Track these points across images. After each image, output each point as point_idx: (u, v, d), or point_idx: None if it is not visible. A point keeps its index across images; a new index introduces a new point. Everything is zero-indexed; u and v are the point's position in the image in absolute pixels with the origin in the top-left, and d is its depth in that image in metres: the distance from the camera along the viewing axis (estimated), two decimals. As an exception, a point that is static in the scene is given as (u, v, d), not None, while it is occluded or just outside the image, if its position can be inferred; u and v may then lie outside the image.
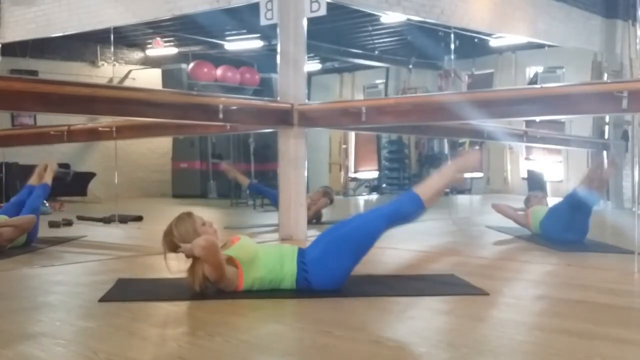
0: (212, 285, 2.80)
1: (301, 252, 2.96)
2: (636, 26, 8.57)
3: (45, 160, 5.14)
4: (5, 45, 8.28)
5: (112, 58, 10.82)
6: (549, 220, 4.98)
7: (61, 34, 7.86)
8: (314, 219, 6.21)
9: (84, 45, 10.55)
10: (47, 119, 7.36)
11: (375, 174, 13.35)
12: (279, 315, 2.66)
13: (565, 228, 4.77)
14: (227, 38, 10.62)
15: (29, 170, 9.20)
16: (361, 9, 7.46)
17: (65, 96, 3.82)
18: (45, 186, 5.01)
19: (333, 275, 2.93)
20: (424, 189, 3.07)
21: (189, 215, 2.91)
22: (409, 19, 7.48)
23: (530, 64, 11.27)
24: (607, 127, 9.10)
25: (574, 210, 4.78)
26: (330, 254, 2.93)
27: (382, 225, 3.01)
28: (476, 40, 9.61)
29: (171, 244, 2.86)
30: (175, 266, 2.89)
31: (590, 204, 4.80)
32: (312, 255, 2.94)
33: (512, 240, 5.17)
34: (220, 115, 4.54)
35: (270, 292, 2.89)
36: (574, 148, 9.61)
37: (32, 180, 5.09)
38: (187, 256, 2.83)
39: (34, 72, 9.42)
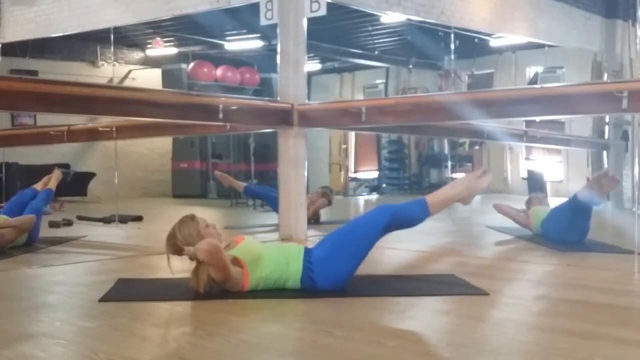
0: (217, 286, 2.83)
1: (307, 252, 2.98)
2: (636, 26, 8.57)
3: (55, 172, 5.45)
4: (5, 45, 8.28)
5: (112, 58, 10.83)
6: (550, 221, 4.98)
7: (61, 34, 7.86)
8: (312, 219, 6.21)
9: (84, 45, 10.56)
10: (47, 119, 7.35)
11: (375, 174, 13.36)
12: (279, 315, 2.66)
13: (566, 229, 4.79)
14: (227, 38, 10.61)
15: (29, 170, 9.26)
16: (361, 9, 7.46)
17: (65, 96, 3.83)
18: (49, 191, 5.26)
19: (338, 274, 2.94)
20: (432, 195, 3.09)
21: (192, 218, 2.92)
22: (409, 19, 7.48)
23: (530, 64, 11.27)
24: (607, 127, 9.10)
25: (576, 214, 4.79)
26: (336, 253, 2.94)
27: (385, 220, 2.98)
28: (476, 40, 9.61)
29: (175, 247, 2.88)
30: (178, 267, 2.90)
31: (591, 207, 4.82)
32: (318, 255, 2.95)
33: (512, 240, 5.17)
34: (220, 115, 4.54)
35: (271, 292, 2.90)
36: (574, 148, 9.62)
37: (37, 186, 5.32)
38: (191, 259, 2.84)
39: (34, 72, 9.42)
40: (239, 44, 10.81)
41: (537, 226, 5.16)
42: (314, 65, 12.12)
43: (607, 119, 8.98)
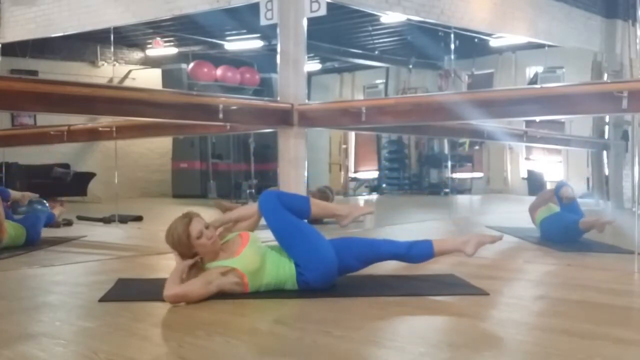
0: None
1: None
2: (636, 26, 8.56)
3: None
4: (5, 45, 8.27)
5: (112, 58, 10.81)
6: (548, 225, 5.06)
7: (61, 34, 7.86)
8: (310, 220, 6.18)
9: (84, 45, 10.54)
10: (47, 119, 7.34)
11: (375, 174, 13.36)
12: (279, 316, 2.66)
13: (560, 239, 4.87)
14: (227, 38, 10.61)
15: (29, 170, 9.26)
16: (361, 9, 7.45)
17: (65, 96, 3.82)
18: (53, 215, 5.78)
19: (319, 265, 2.97)
20: (440, 240, 3.18)
21: (189, 221, 2.88)
22: (409, 19, 7.47)
23: (530, 64, 11.25)
24: (607, 127, 9.10)
25: (572, 230, 4.90)
26: (299, 247, 2.97)
27: (270, 196, 3.12)
28: (476, 40, 9.60)
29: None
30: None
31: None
32: (301, 257, 2.97)
33: (512, 240, 5.16)
34: (220, 115, 4.54)
35: (270, 293, 2.92)
36: (574, 148, 9.61)
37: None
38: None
39: (34, 72, 9.40)
40: (239, 44, 10.81)
41: (537, 223, 5.20)
42: (314, 65, 12.10)
43: (607, 119, 8.98)
